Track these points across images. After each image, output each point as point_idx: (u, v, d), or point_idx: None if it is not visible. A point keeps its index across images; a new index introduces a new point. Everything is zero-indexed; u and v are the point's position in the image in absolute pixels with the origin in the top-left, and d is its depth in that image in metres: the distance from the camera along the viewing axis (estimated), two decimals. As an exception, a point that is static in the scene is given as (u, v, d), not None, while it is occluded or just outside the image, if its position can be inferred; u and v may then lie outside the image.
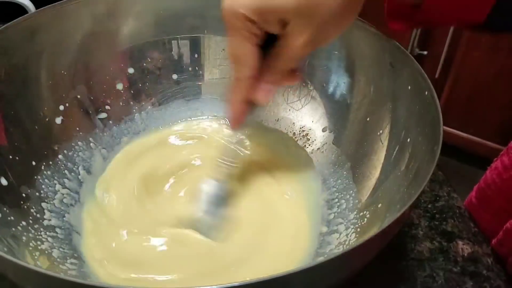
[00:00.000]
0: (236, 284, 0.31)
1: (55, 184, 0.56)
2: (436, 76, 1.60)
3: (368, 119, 0.57)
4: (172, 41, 0.65)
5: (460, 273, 0.53)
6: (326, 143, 0.62)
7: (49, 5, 0.56)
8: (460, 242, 0.56)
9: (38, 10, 0.56)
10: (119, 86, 0.63)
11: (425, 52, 1.61)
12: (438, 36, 1.57)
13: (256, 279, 0.31)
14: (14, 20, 0.53)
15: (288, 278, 0.32)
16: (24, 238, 0.48)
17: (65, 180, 0.57)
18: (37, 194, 0.54)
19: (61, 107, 0.59)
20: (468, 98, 1.59)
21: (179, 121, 0.67)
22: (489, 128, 1.61)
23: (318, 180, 0.60)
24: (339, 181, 0.58)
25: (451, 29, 1.52)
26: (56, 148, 0.58)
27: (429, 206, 0.60)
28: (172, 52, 0.66)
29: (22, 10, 0.71)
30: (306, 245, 0.53)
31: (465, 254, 0.55)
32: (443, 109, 0.44)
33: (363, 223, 0.51)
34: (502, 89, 1.52)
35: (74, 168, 0.59)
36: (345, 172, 0.58)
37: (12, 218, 0.49)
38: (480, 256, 0.55)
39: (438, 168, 0.65)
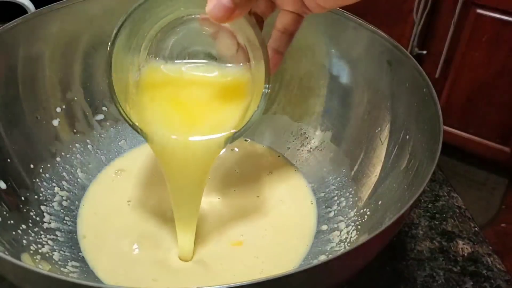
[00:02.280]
0: (236, 284, 0.31)
1: (54, 186, 0.56)
2: (436, 75, 1.60)
3: (366, 117, 0.57)
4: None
5: (460, 273, 0.53)
6: (324, 141, 0.62)
7: (46, 6, 0.55)
8: (460, 242, 0.56)
9: (35, 11, 0.56)
10: (116, 87, 0.63)
11: (425, 52, 1.61)
12: (438, 35, 1.57)
13: (256, 279, 0.31)
14: (11, 22, 0.53)
15: (288, 278, 0.32)
16: (24, 241, 0.48)
17: (64, 183, 0.57)
18: (36, 197, 0.54)
19: (58, 109, 0.59)
20: (468, 97, 1.59)
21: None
22: (489, 127, 1.61)
23: (317, 178, 0.60)
24: (338, 179, 0.58)
25: (451, 28, 1.52)
26: (54, 151, 0.58)
27: (429, 205, 0.60)
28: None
29: (22, 10, 0.71)
30: (306, 244, 0.53)
31: (465, 254, 0.55)
32: (443, 109, 0.44)
33: (363, 220, 0.52)
34: (502, 89, 1.52)
35: (72, 170, 0.58)
36: (344, 170, 0.58)
37: (12, 221, 0.49)
38: (480, 256, 0.55)
39: (438, 167, 0.64)
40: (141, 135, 0.46)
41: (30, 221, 0.51)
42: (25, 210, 0.51)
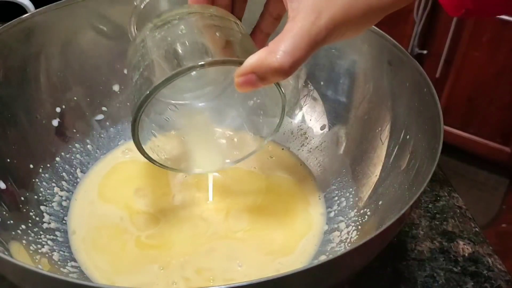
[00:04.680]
0: (237, 284, 0.31)
1: (53, 186, 0.56)
2: (437, 75, 1.60)
3: (367, 117, 0.57)
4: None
5: (460, 273, 0.53)
6: (324, 141, 0.61)
7: (45, 6, 0.55)
8: (460, 242, 0.56)
9: (34, 11, 0.56)
10: (115, 87, 0.63)
11: (425, 52, 1.62)
12: (439, 35, 1.57)
13: (257, 279, 0.31)
14: (10, 22, 0.53)
15: (289, 278, 0.32)
16: (24, 241, 0.48)
17: (63, 183, 0.57)
18: (35, 197, 0.54)
19: (58, 109, 0.59)
20: (469, 97, 1.59)
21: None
22: (489, 127, 1.61)
23: (317, 178, 0.59)
24: (339, 179, 0.58)
25: (452, 28, 1.52)
26: (54, 151, 0.58)
27: (430, 206, 0.60)
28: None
29: (22, 10, 0.71)
30: (306, 244, 0.53)
31: (466, 254, 0.55)
32: (444, 109, 0.44)
33: (364, 220, 0.51)
34: (503, 89, 1.52)
35: (71, 171, 0.58)
36: (344, 170, 0.58)
37: (11, 221, 0.49)
38: (481, 256, 0.54)
39: (439, 167, 0.64)
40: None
41: (29, 221, 0.51)
42: (24, 210, 0.51)
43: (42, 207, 0.53)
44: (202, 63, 0.39)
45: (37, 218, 0.52)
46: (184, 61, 0.39)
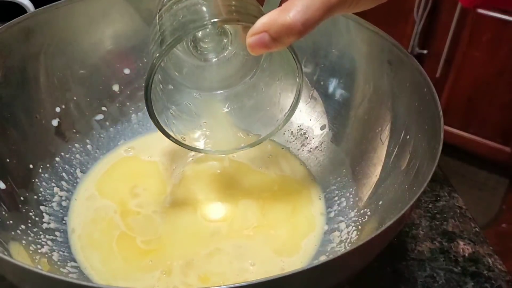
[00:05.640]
0: (237, 285, 0.31)
1: (53, 187, 0.56)
2: (437, 75, 1.60)
3: (367, 117, 0.57)
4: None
5: (461, 273, 0.53)
6: (324, 141, 0.61)
7: (45, 6, 0.55)
8: (461, 242, 0.56)
9: (33, 11, 0.56)
10: (115, 87, 0.63)
11: (425, 51, 1.61)
12: (439, 35, 1.57)
13: (257, 279, 0.31)
14: (10, 21, 0.53)
15: (289, 278, 0.32)
16: (24, 241, 0.48)
17: (63, 183, 0.57)
18: (35, 197, 0.53)
19: (58, 109, 0.59)
20: (469, 97, 1.59)
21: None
22: (489, 127, 1.61)
23: (317, 178, 0.59)
24: (339, 179, 0.58)
25: (452, 28, 1.52)
26: (53, 151, 0.58)
27: (430, 206, 0.60)
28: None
29: (22, 10, 0.71)
30: (307, 244, 0.53)
31: (466, 254, 0.55)
32: (444, 109, 0.44)
33: (364, 220, 0.51)
34: (503, 89, 1.52)
35: (71, 171, 0.58)
36: (344, 170, 0.58)
37: (11, 221, 0.49)
38: (481, 256, 0.54)
39: (439, 167, 0.64)
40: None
41: (29, 221, 0.51)
42: (24, 210, 0.51)
43: (41, 207, 0.53)
44: (215, 20, 0.39)
45: (37, 218, 0.52)
46: (198, 22, 0.39)
